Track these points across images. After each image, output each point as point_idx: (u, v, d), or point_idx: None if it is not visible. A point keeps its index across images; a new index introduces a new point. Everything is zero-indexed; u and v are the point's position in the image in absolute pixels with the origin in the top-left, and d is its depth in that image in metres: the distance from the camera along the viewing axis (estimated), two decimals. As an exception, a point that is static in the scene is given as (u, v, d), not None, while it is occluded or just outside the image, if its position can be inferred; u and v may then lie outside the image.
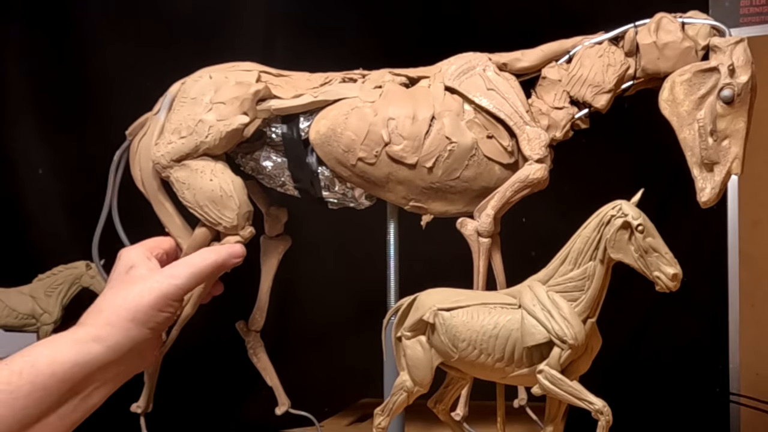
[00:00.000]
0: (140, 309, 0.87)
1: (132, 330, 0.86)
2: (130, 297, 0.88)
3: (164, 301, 0.89)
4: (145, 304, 0.87)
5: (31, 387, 0.76)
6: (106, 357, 0.83)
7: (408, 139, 1.32)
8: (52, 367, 0.78)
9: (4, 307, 2.04)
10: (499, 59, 1.38)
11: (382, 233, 1.45)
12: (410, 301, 1.15)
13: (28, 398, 0.76)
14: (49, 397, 0.77)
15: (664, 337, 1.98)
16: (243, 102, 1.34)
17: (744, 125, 1.24)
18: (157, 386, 1.49)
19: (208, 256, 0.96)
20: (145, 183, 1.39)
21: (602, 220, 1.01)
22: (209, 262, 0.95)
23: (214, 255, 0.97)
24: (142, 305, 0.87)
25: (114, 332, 0.85)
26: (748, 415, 1.82)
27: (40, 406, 0.77)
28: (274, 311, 1.58)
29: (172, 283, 0.90)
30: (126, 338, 0.85)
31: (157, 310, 0.88)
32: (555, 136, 1.34)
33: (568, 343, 1.01)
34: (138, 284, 0.90)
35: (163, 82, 1.41)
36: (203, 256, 0.96)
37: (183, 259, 0.96)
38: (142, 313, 0.87)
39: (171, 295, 0.89)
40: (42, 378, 0.77)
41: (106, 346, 0.83)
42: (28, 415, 0.76)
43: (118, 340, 0.84)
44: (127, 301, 0.87)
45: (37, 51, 2.22)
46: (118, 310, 0.86)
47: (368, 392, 1.82)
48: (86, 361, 0.81)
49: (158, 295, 0.88)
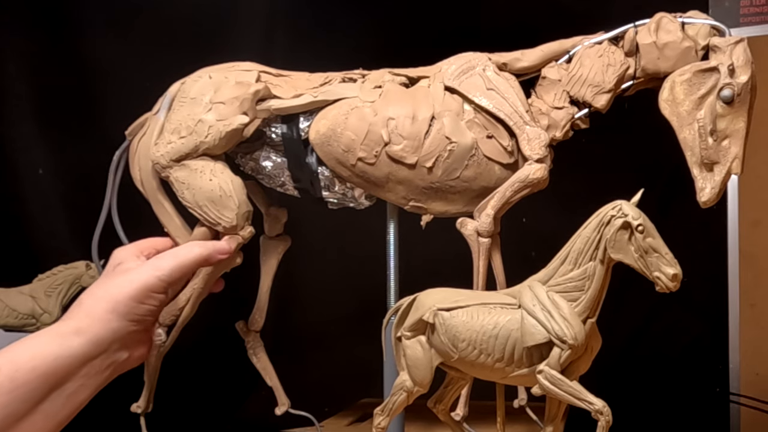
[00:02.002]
0: (120, 300, 0.86)
1: (112, 322, 0.84)
2: (111, 289, 0.87)
3: (145, 293, 0.87)
4: (124, 294, 0.86)
5: (11, 384, 0.74)
6: (87, 350, 0.81)
7: (408, 139, 1.32)
8: (32, 362, 0.76)
9: (4, 307, 2.05)
10: (499, 59, 1.38)
11: (382, 233, 1.45)
12: (410, 301, 1.15)
13: (9, 395, 0.74)
14: (30, 393, 0.76)
15: (664, 337, 1.98)
16: (243, 102, 1.34)
17: (744, 125, 1.24)
18: (157, 386, 1.49)
19: (194, 249, 0.95)
20: (144, 183, 1.39)
21: (602, 220, 1.01)
22: (193, 254, 0.94)
23: (200, 248, 0.96)
24: (122, 296, 0.86)
25: (94, 324, 0.83)
26: (748, 415, 1.82)
27: (22, 402, 0.75)
28: (274, 311, 1.58)
29: (153, 274, 0.89)
30: (106, 330, 0.83)
31: (137, 302, 0.87)
32: (555, 136, 1.34)
33: (568, 344, 1.01)
34: (120, 277, 0.89)
35: (163, 82, 1.40)
36: (188, 249, 0.95)
37: (169, 251, 0.95)
38: (122, 304, 0.85)
39: (152, 287, 0.88)
40: (22, 373, 0.75)
41: (87, 338, 0.81)
42: (11, 413, 0.74)
43: (97, 332, 0.83)
44: (108, 293, 0.86)
45: (37, 51, 2.22)
46: (99, 302, 0.85)
47: (368, 392, 1.82)
48: (67, 355, 0.79)
49: (139, 287, 0.87)
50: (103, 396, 0.83)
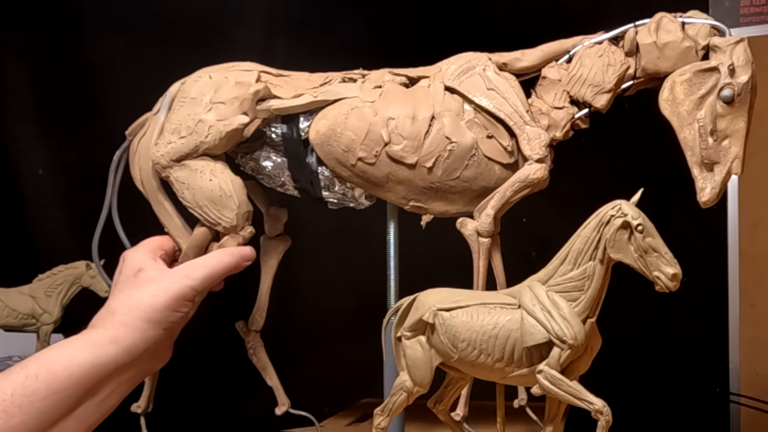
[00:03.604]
0: (156, 309, 0.87)
1: (147, 330, 0.86)
2: (144, 298, 0.88)
3: (179, 302, 0.89)
4: (160, 304, 0.88)
5: (47, 390, 0.75)
6: (122, 358, 0.83)
7: (408, 138, 1.32)
8: (68, 370, 0.78)
9: (4, 307, 2.05)
10: (499, 59, 1.38)
11: (382, 233, 1.45)
12: (410, 301, 1.15)
13: (45, 401, 0.75)
14: (65, 400, 0.77)
15: (664, 337, 1.98)
16: (243, 102, 1.33)
17: (744, 125, 1.24)
18: (157, 386, 1.49)
19: (223, 258, 0.97)
20: (144, 183, 1.39)
21: (602, 220, 1.01)
22: (224, 264, 0.96)
23: (229, 257, 0.98)
24: (157, 305, 0.88)
25: (129, 333, 0.85)
26: (748, 415, 1.82)
27: (57, 409, 0.76)
28: (274, 311, 1.58)
29: (186, 284, 0.91)
30: (141, 339, 0.85)
31: (171, 310, 0.89)
32: (555, 135, 1.34)
33: (568, 343, 1.01)
34: (151, 285, 0.90)
35: (163, 82, 1.40)
36: (218, 258, 0.97)
37: (198, 259, 0.97)
38: (158, 313, 0.87)
39: (185, 296, 0.90)
40: (58, 381, 0.76)
41: (122, 347, 0.83)
42: (45, 419, 0.75)
43: (134, 341, 0.85)
44: (141, 302, 0.88)
45: (38, 51, 2.22)
46: (133, 311, 0.87)
47: (368, 392, 1.82)
48: (102, 363, 0.81)
49: (173, 296, 0.89)
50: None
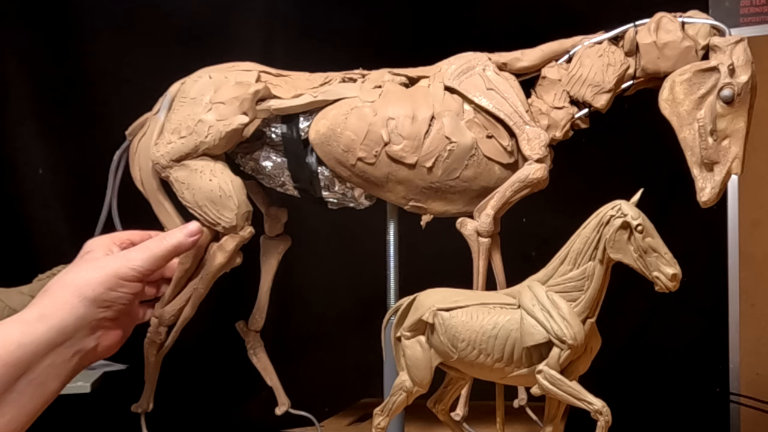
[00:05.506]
0: (89, 285, 0.85)
1: (78, 307, 0.84)
2: (78, 275, 0.87)
3: (114, 280, 0.88)
4: (93, 280, 0.86)
5: None
6: (51, 336, 0.81)
7: (407, 138, 1.32)
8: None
9: (4, 307, 2.04)
10: (499, 59, 1.38)
11: (382, 233, 1.45)
12: (410, 301, 1.15)
13: None
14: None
15: (664, 337, 1.98)
16: (243, 102, 1.34)
17: (744, 125, 1.24)
18: (157, 386, 1.49)
19: (166, 238, 0.97)
20: (144, 183, 1.40)
21: (602, 220, 1.01)
22: (165, 244, 0.96)
23: (169, 238, 0.97)
24: (89, 282, 0.86)
25: (58, 310, 0.83)
26: (748, 415, 1.82)
27: None
28: (274, 311, 1.58)
29: (124, 264, 0.89)
30: (72, 315, 0.83)
31: (106, 288, 0.87)
32: (555, 135, 1.34)
33: (568, 344, 1.01)
34: (90, 264, 0.89)
35: (163, 82, 1.41)
36: (160, 240, 0.96)
37: (141, 244, 0.96)
38: (90, 288, 0.85)
39: (123, 275, 0.89)
40: None
41: (50, 324, 0.81)
42: None
43: (62, 317, 0.82)
44: (74, 279, 0.86)
45: (38, 51, 2.22)
46: (65, 288, 0.85)
47: (368, 392, 1.81)
48: (30, 341, 0.79)
49: (108, 273, 0.87)
50: (104, 396, 0.83)
